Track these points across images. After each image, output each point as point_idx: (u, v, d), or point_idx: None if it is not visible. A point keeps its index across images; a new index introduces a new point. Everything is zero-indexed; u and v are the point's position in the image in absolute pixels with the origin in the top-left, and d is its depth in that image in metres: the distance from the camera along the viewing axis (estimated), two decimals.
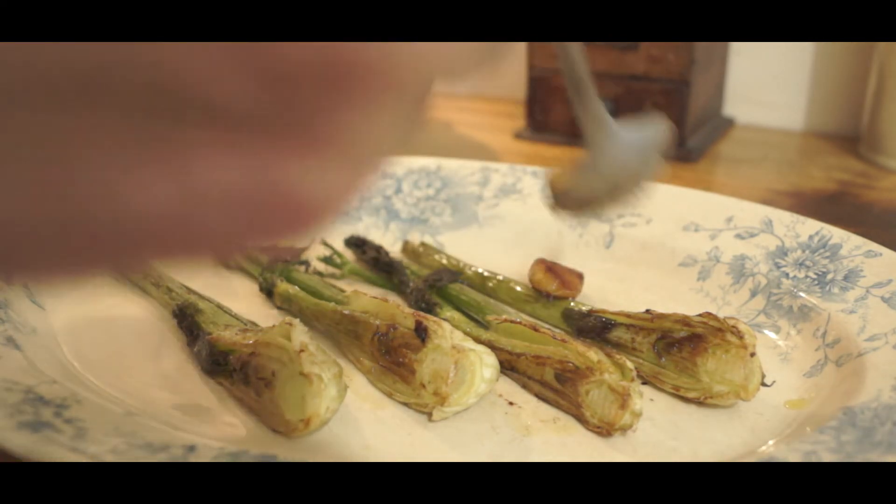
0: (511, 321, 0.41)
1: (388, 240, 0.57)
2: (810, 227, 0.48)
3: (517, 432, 0.36)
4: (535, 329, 0.40)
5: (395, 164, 0.60)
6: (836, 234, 0.47)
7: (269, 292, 0.48)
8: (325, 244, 0.52)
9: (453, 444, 0.35)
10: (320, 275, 0.50)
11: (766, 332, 0.44)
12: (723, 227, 0.50)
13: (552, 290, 0.45)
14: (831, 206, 0.67)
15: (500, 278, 0.48)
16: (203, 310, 0.42)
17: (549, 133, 0.84)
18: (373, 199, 0.58)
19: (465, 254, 0.53)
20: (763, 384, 0.38)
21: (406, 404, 0.38)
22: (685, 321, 0.39)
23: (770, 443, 0.35)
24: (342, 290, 0.45)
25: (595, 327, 0.41)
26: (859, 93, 0.83)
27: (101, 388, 0.38)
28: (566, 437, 0.36)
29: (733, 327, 0.37)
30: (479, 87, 1.07)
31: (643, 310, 0.41)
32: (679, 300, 0.48)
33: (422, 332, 0.37)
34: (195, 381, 0.40)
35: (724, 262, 0.49)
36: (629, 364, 0.36)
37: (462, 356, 0.36)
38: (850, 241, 0.46)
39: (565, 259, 0.52)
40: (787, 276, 0.46)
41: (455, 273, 0.47)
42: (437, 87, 0.15)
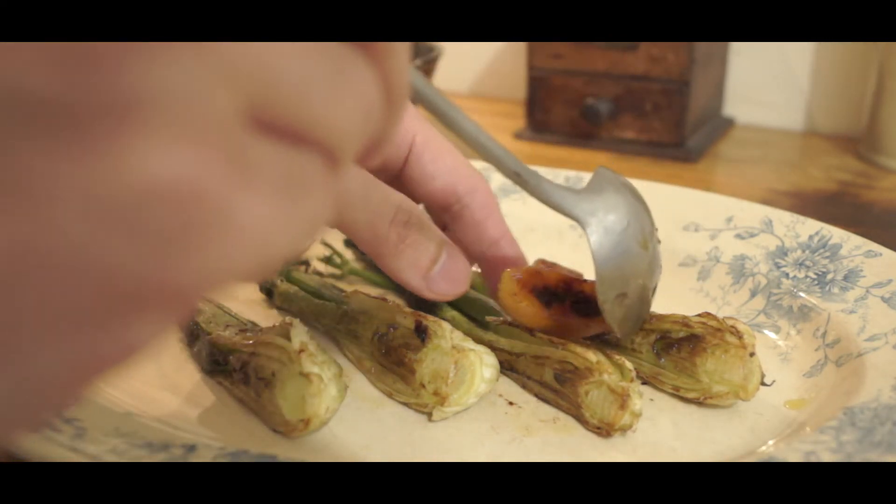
0: (510, 322, 0.41)
1: None
2: (810, 227, 0.48)
3: (517, 432, 0.36)
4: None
5: None
6: (836, 234, 0.47)
7: (269, 292, 0.48)
8: (326, 244, 0.52)
9: (453, 444, 0.35)
10: (320, 275, 0.50)
11: (765, 332, 0.44)
12: (723, 227, 0.50)
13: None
14: (831, 206, 0.67)
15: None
16: (203, 310, 0.43)
17: (549, 133, 0.84)
18: None
19: None
20: (763, 384, 0.38)
21: (406, 404, 0.38)
22: (684, 321, 0.39)
23: (770, 443, 0.35)
24: (342, 290, 0.45)
25: None
26: (859, 93, 0.83)
27: (101, 388, 0.38)
28: (566, 437, 0.36)
29: (732, 327, 0.37)
30: (479, 87, 1.07)
31: None
32: (679, 300, 0.48)
33: (422, 332, 0.37)
34: (195, 381, 0.40)
35: (723, 262, 0.49)
36: (628, 364, 0.36)
37: (462, 356, 0.36)
38: (850, 241, 0.46)
39: (565, 259, 0.52)
40: (787, 276, 0.46)
41: None
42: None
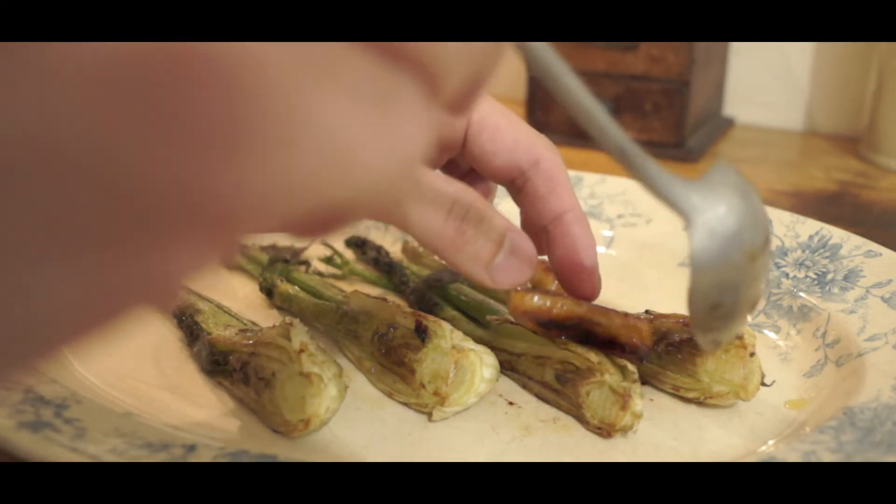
0: (511, 322, 0.41)
1: (389, 240, 0.56)
2: (810, 227, 0.48)
3: (517, 432, 0.36)
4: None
5: None
6: (836, 234, 0.46)
7: (269, 292, 0.48)
8: (326, 244, 0.52)
9: (453, 444, 0.35)
10: (320, 275, 0.50)
11: (766, 332, 0.44)
12: None
13: (552, 290, 0.45)
14: (831, 206, 0.67)
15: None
16: (203, 310, 0.42)
17: (549, 133, 0.83)
18: None
19: None
20: (763, 384, 0.38)
21: (406, 404, 0.38)
22: (685, 321, 0.39)
23: (770, 443, 0.35)
24: (342, 291, 0.45)
25: None
26: (859, 93, 0.83)
27: (101, 388, 0.38)
28: (566, 437, 0.36)
29: None
30: None
31: (643, 310, 0.41)
32: (679, 300, 0.48)
33: (422, 332, 0.37)
34: (195, 381, 0.40)
35: None
36: (630, 365, 0.36)
37: (462, 356, 0.36)
38: (850, 241, 0.46)
39: None
40: (787, 276, 0.46)
41: (455, 273, 0.47)
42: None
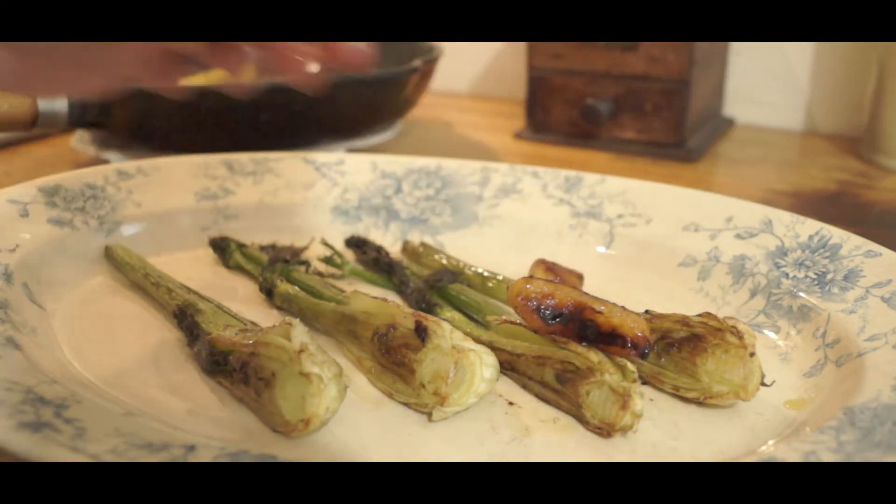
0: (511, 321, 0.41)
1: (388, 240, 0.57)
2: (810, 227, 0.48)
3: (517, 432, 0.36)
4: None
5: (395, 164, 0.60)
6: (835, 234, 0.46)
7: (269, 292, 0.48)
8: (326, 244, 0.52)
9: (453, 444, 0.35)
10: (320, 275, 0.50)
11: (765, 332, 0.44)
12: (723, 227, 0.50)
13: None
14: (831, 206, 0.67)
15: (500, 278, 0.48)
16: (203, 310, 0.42)
17: (549, 133, 0.84)
18: (373, 200, 0.58)
19: (465, 254, 0.53)
20: (763, 384, 0.38)
21: (406, 404, 0.38)
22: (685, 321, 0.39)
23: (770, 443, 0.35)
24: (342, 291, 0.45)
25: None
26: (859, 93, 0.83)
27: (101, 388, 0.38)
28: (566, 437, 0.36)
29: (733, 327, 0.37)
30: (479, 87, 1.07)
31: (643, 310, 0.41)
32: (679, 300, 0.48)
33: (422, 332, 0.37)
34: (195, 381, 0.40)
35: (723, 262, 0.49)
36: (630, 365, 0.36)
37: (462, 356, 0.36)
38: (849, 241, 0.46)
39: (565, 259, 0.52)
40: (786, 276, 0.46)
41: (455, 273, 0.47)
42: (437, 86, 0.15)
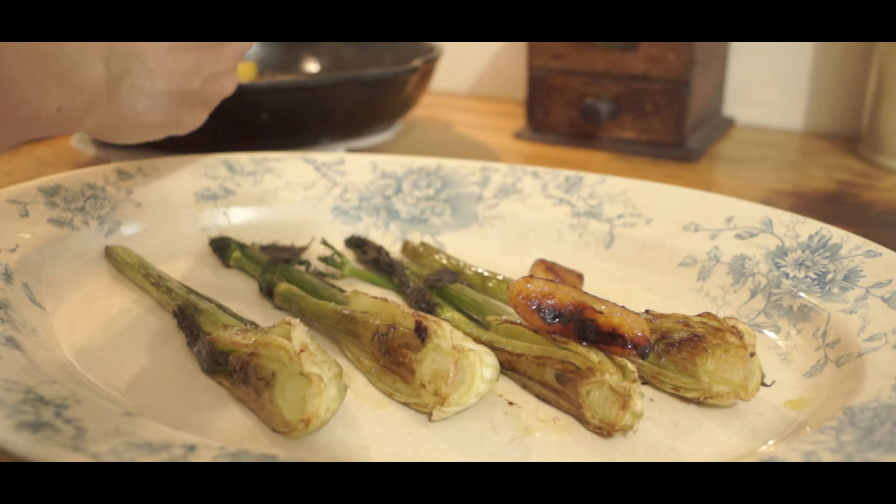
0: (511, 321, 0.41)
1: (388, 240, 0.57)
2: (810, 227, 0.48)
3: (517, 432, 0.36)
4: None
5: (395, 164, 0.60)
6: (835, 234, 0.46)
7: (269, 292, 0.48)
8: (326, 244, 0.52)
9: (453, 444, 0.35)
10: (320, 275, 0.50)
11: (766, 332, 0.45)
12: (723, 227, 0.50)
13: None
14: (831, 206, 0.67)
15: (500, 278, 0.48)
16: (203, 310, 0.43)
17: (549, 133, 0.84)
18: (373, 199, 0.58)
19: (465, 254, 0.53)
20: (763, 384, 0.38)
21: (406, 404, 0.38)
22: (685, 321, 0.39)
23: (770, 443, 0.35)
24: (342, 291, 0.45)
25: None
26: (859, 93, 0.83)
27: (101, 388, 0.38)
28: (566, 437, 0.36)
29: (733, 327, 0.37)
30: (479, 87, 1.07)
31: (643, 310, 0.41)
32: (679, 300, 0.48)
33: (422, 332, 0.37)
34: (195, 381, 0.40)
35: (723, 262, 0.49)
36: (630, 365, 0.36)
37: (462, 356, 0.36)
38: (850, 241, 0.46)
39: (565, 259, 0.52)
40: (787, 276, 0.46)
41: (455, 273, 0.47)
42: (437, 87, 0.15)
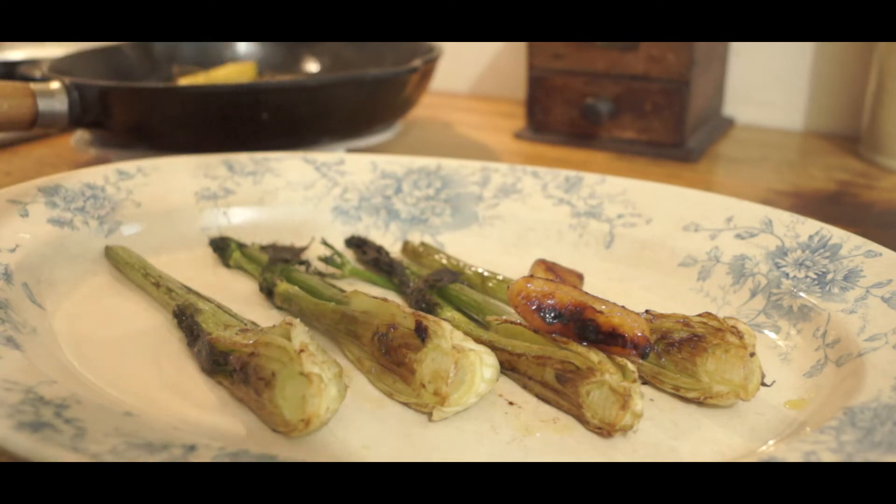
0: (511, 321, 0.41)
1: (388, 240, 0.57)
2: (810, 227, 0.48)
3: (517, 432, 0.36)
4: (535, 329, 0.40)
5: (395, 164, 0.60)
6: (836, 234, 0.46)
7: (269, 292, 0.48)
8: (326, 244, 0.52)
9: (453, 444, 0.35)
10: (320, 275, 0.50)
11: (766, 332, 0.44)
12: (723, 227, 0.50)
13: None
14: (831, 206, 0.67)
15: (500, 278, 0.48)
16: (203, 310, 0.43)
17: (549, 133, 0.84)
18: (373, 200, 0.58)
19: (465, 254, 0.53)
20: (763, 384, 0.38)
21: (406, 404, 0.38)
22: (685, 321, 0.39)
23: (770, 443, 0.35)
24: (342, 290, 0.45)
25: None
26: (859, 93, 0.83)
27: (101, 388, 0.38)
28: (566, 437, 0.36)
29: (733, 327, 0.37)
30: (479, 87, 1.07)
31: (643, 310, 0.41)
32: (679, 300, 0.48)
33: (422, 332, 0.37)
34: (195, 381, 0.40)
35: (723, 262, 0.49)
36: (630, 365, 0.36)
37: (462, 356, 0.36)
38: (850, 241, 0.46)
39: (565, 259, 0.52)
40: (787, 276, 0.46)
41: (455, 273, 0.47)
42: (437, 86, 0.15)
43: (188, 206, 0.56)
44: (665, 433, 0.37)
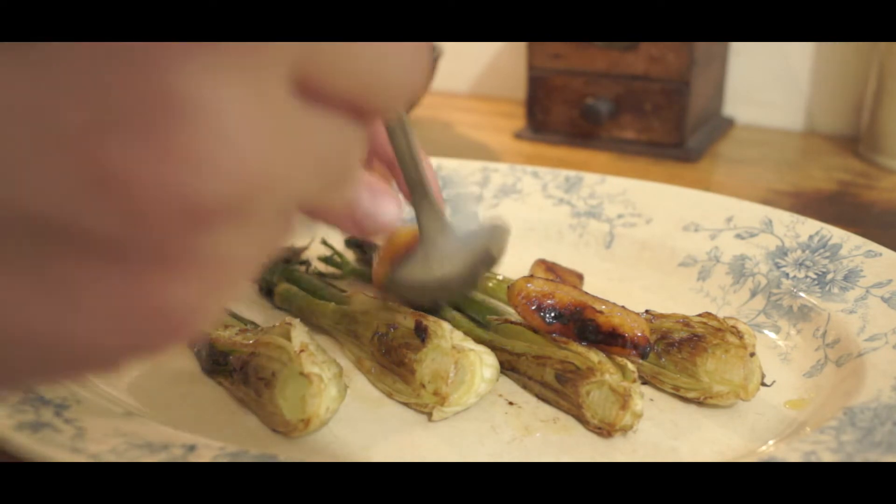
0: (511, 321, 0.41)
1: None
2: (810, 227, 0.48)
3: (517, 432, 0.36)
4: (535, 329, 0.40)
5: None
6: (835, 234, 0.46)
7: (269, 292, 0.48)
8: (326, 244, 0.52)
9: (453, 444, 0.35)
10: (320, 275, 0.50)
11: (766, 332, 0.44)
12: (723, 227, 0.50)
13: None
14: (831, 206, 0.67)
15: (500, 278, 0.48)
16: None
17: (549, 133, 0.84)
18: None
19: None
20: (763, 384, 0.38)
21: (406, 404, 0.38)
22: (685, 321, 0.39)
23: (770, 443, 0.35)
24: (342, 290, 0.45)
25: None
26: (859, 93, 0.83)
27: (101, 388, 0.38)
28: (566, 437, 0.36)
29: (733, 327, 0.37)
30: (479, 87, 1.07)
31: (643, 310, 0.41)
32: (679, 300, 0.48)
33: (421, 332, 0.37)
34: (195, 381, 0.40)
35: (724, 262, 0.49)
36: (630, 365, 0.36)
37: (462, 356, 0.36)
38: (849, 241, 0.46)
39: (565, 259, 0.52)
40: (787, 276, 0.46)
41: None
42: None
43: None
44: (665, 433, 0.37)
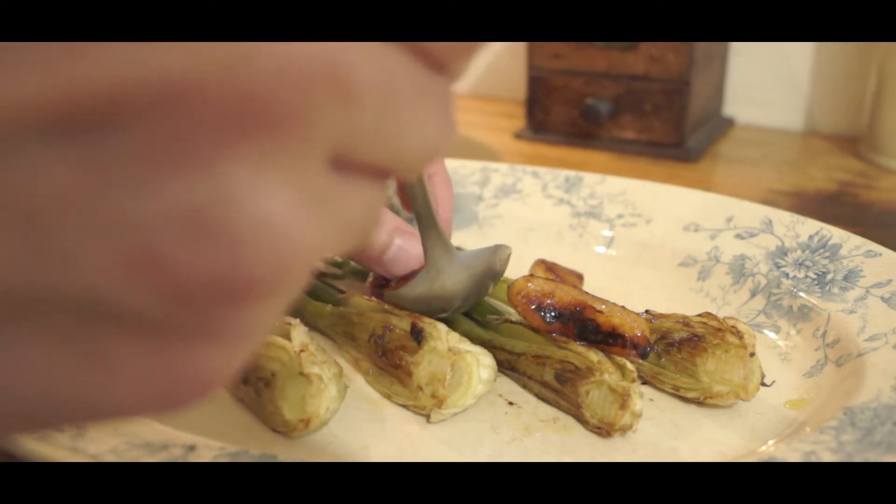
0: (511, 321, 0.41)
1: None
2: (810, 227, 0.48)
3: (517, 432, 0.36)
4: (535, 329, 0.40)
5: None
6: (835, 234, 0.46)
7: None
8: None
9: (453, 444, 0.35)
10: (320, 275, 0.50)
11: (766, 332, 0.44)
12: (723, 227, 0.50)
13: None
14: (831, 206, 0.67)
15: (500, 278, 0.48)
16: None
17: (549, 133, 0.84)
18: None
19: None
20: (763, 384, 0.38)
21: (404, 406, 0.38)
22: (685, 321, 0.39)
23: (770, 443, 0.35)
24: (341, 291, 0.45)
25: None
26: (859, 93, 0.83)
27: None
28: (566, 437, 0.36)
29: (733, 327, 0.37)
30: (479, 87, 1.07)
31: (643, 310, 0.41)
32: (679, 300, 0.48)
33: (417, 334, 0.37)
34: None
35: (723, 263, 0.49)
36: (629, 364, 0.36)
37: (458, 358, 0.36)
38: (850, 241, 0.46)
39: (565, 259, 0.52)
40: (787, 276, 0.46)
41: None
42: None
43: None
44: (665, 433, 0.37)
